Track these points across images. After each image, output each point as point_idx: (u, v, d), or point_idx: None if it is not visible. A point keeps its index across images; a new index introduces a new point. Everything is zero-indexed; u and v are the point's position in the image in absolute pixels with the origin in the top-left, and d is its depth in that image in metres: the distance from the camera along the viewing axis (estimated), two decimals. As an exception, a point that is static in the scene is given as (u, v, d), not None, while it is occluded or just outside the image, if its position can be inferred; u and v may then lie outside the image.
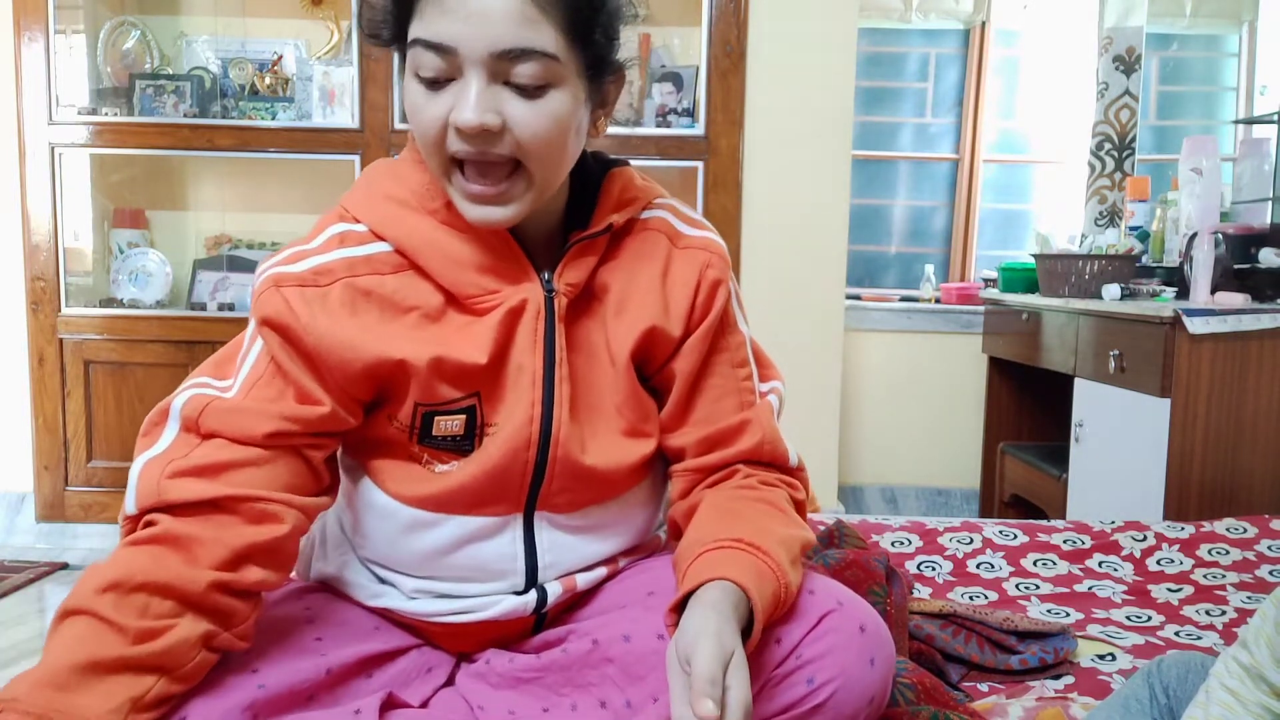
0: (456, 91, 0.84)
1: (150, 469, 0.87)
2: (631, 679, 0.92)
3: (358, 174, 2.80)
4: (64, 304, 2.85)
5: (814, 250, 2.94)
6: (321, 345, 0.88)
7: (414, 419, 0.92)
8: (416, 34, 0.83)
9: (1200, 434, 2.09)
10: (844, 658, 0.86)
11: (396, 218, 0.92)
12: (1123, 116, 3.38)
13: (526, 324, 0.92)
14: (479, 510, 0.95)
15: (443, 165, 0.88)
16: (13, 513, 2.98)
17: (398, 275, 0.92)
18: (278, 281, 0.90)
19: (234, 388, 0.91)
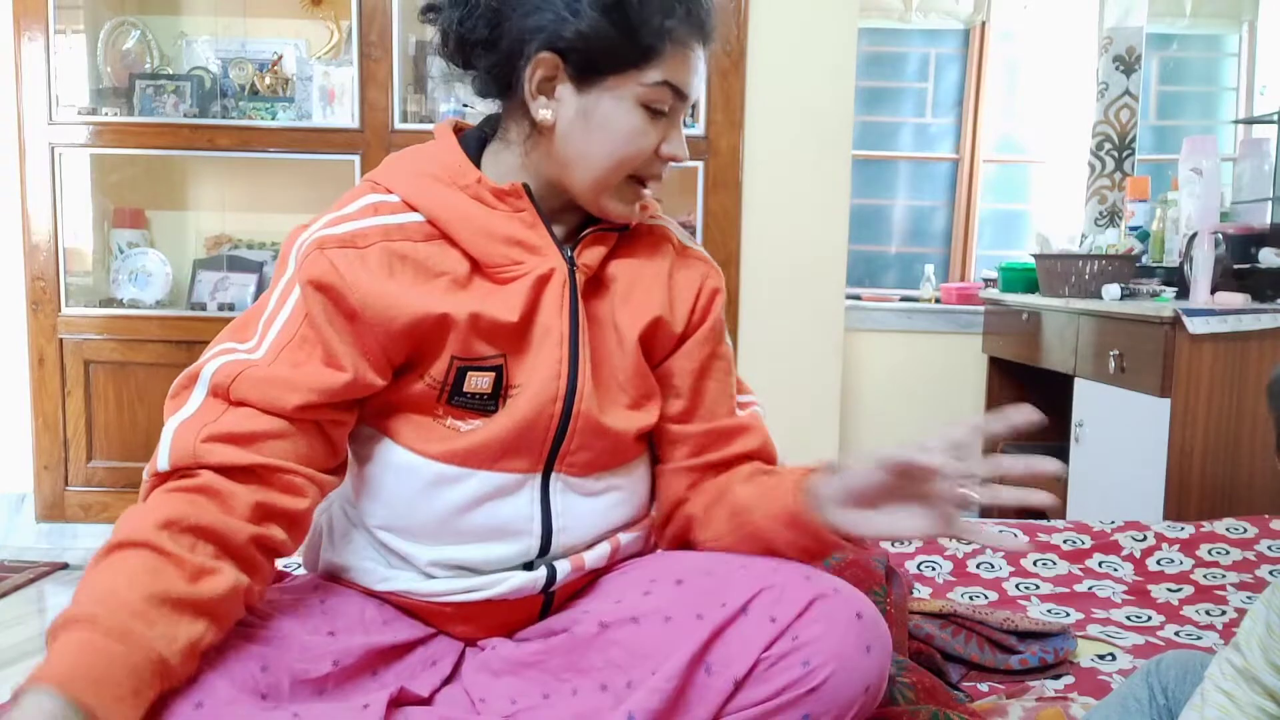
0: (671, 127, 1.00)
1: (185, 430, 0.92)
2: (636, 659, 0.93)
3: (358, 174, 2.81)
4: (64, 304, 2.85)
5: (814, 250, 2.94)
6: (366, 303, 0.93)
7: (448, 374, 0.97)
8: (666, 77, 0.97)
9: (1200, 434, 2.09)
10: (840, 642, 0.88)
11: (429, 189, 0.99)
12: (1123, 116, 3.38)
13: (553, 290, 0.99)
14: (501, 466, 0.99)
15: (624, 177, 1.01)
16: (13, 513, 2.98)
17: (429, 243, 0.98)
18: (322, 244, 0.94)
19: (261, 348, 0.94)
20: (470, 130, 1.07)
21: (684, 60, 0.98)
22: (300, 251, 0.96)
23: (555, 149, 0.99)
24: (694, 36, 0.98)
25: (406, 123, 2.83)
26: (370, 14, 2.80)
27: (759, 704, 0.88)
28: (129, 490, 2.89)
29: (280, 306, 0.96)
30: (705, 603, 0.92)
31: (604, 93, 0.97)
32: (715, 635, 0.89)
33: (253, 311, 0.99)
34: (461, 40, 1.00)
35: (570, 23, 0.94)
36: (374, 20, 2.80)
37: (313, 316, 0.94)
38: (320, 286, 0.93)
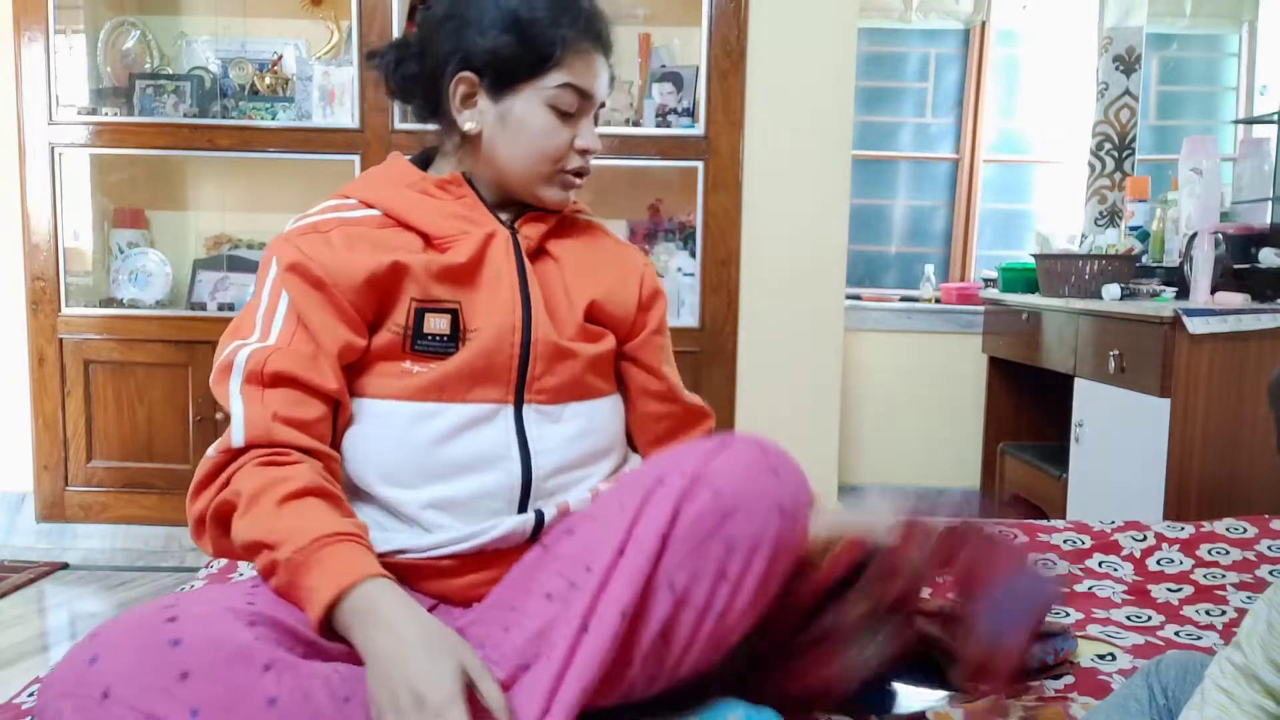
0: (580, 124, 1.16)
1: (254, 411, 1.02)
2: (574, 562, 0.99)
3: (358, 174, 2.80)
4: (64, 304, 2.86)
5: (814, 250, 2.94)
6: (328, 270, 1.07)
7: (408, 318, 1.09)
8: (567, 80, 1.13)
9: (1200, 434, 2.09)
10: (745, 470, 0.94)
11: (381, 189, 1.16)
12: (1123, 116, 3.38)
13: (499, 245, 1.14)
14: (473, 396, 1.09)
15: (552, 172, 1.16)
16: (13, 513, 2.98)
17: (386, 229, 1.13)
18: (287, 237, 1.11)
19: (271, 336, 1.07)
20: (418, 155, 1.25)
21: (584, 64, 1.14)
22: (275, 248, 1.11)
23: (484, 154, 1.16)
24: (588, 42, 1.13)
25: (406, 123, 2.83)
26: (370, 14, 2.80)
27: (683, 544, 0.91)
28: (129, 490, 2.89)
29: (275, 300, 1.09)
30: (627, 494, 0.98)
31: (516, 99, 1.13)
32: (639, 511, 0.94)
33: (245, 314, 1.11)
34: (400, 79, 1.19)
35: (479, 43, 1.11)
36: (374, 20, 2.80)
37: (295, 300, 1.07)
38: (291, 267, 1.07)
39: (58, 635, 2.31)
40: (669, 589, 0.92)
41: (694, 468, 0.95)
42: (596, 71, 1.15)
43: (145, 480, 2.89)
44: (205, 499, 1.01)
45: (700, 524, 0.92)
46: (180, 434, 2.88)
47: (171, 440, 2.88)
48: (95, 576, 2.67)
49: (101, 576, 2.67)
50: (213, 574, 1.56)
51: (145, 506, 2.89)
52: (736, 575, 0.93)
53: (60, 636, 2.30)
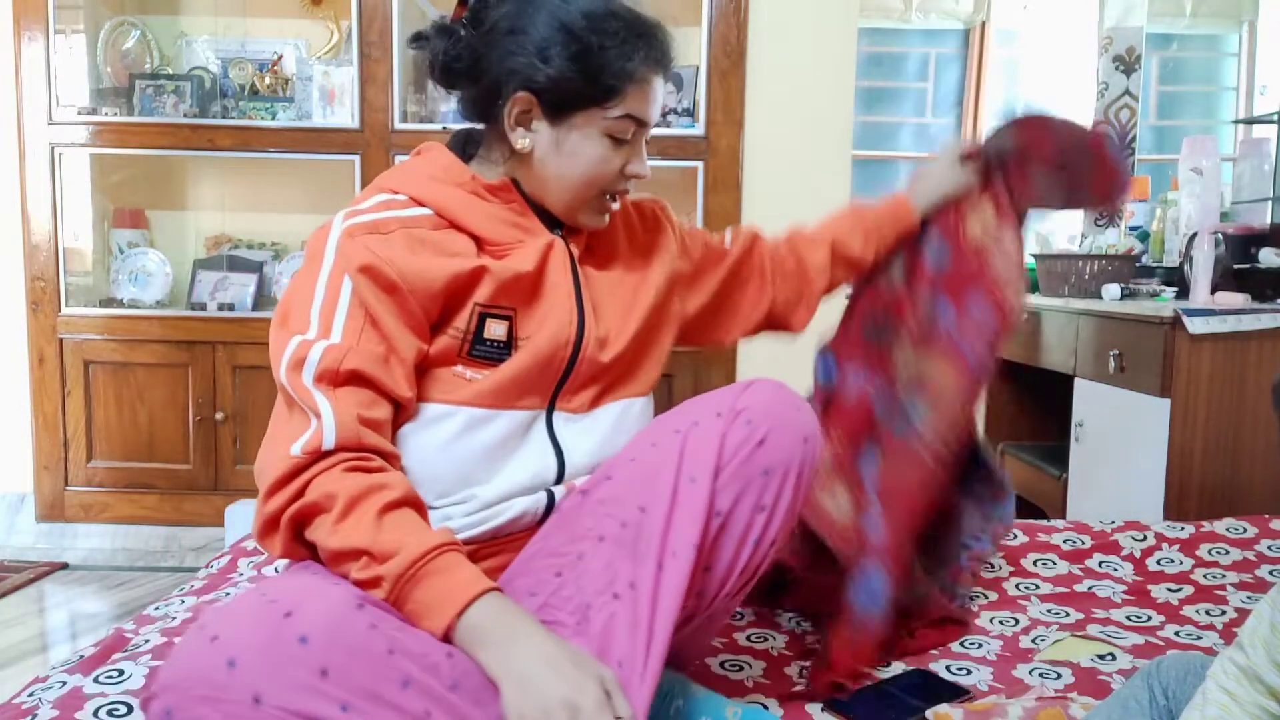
0: (634, 150, 1.15)
1: (342, 411, 1.00)
2: (618, 503, 1.03)
3: (358, 174, 2.81)
4: (64, 304, 2.86)
5: (814, 250, 2.93)
6: (404, 275, 1.04)
7: (470, 322, 1.08)
8: (628, 110, 1.11)
9: (1200, 434, 2.09)
10: (771, 403, 1.04)
11: (432, 186, 1.12)
12: (1123, 116, 3.38)
13: (557, 254, 1.14)
14: (520, 404, 1.11)
15: (598, 196, 1.15)
16: (13, 513, 2.98)
17: (439, 230, 1.10)
18: (350, 233, 1.06)
19: (334, 334, 1.03)
20: (452, 140, 1.20)
21: (644, 93, 1.12)
22: (334, 244, 1.06)
23: (533, 172, 1.14)
24: (652, 72, 1.12)
25: (406, 123, 2.83)
26: (370, 14, 2.80)
27: (728, 472, 1.00)
28: (129, 490, 2.89)
29: (335, 296, 1.04)
30: (660, 436, 1.05)
31: (573, 128, 1.11)
32: (682, 448, 1.01)
33: (298, 308, 1.06)
34: (446, 68, 1.14)
35: (542, 69, 1.08)
36: (374, 20, 2.80)
37: (368, 304, 1.03)
38: (363, 269, 1.03)
39: (57, 635, 2.31)
40: (715, 516, 1.00)
41: (728, 405, 1.03)
42: (654, 98, 1.14)
43: (145, 480, 2.89)
44: (282, 498, 0.98)
45: (740, 451, 1.01)
46: (180, 434, 2.88)
47: (171, 440, 2.88)
48: (95, 576, 2.67)
49: (101, 576, 2.67)
50: (212, 574, 1.56)
51: (145, 506, 2.89)
52: (771, 503, 1.02)
53: (60, 636, 2.30)
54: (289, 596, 0.85)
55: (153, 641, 1.23)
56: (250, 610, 0.84)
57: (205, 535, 2.89)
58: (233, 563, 1.60)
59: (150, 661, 1.16)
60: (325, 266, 1.06)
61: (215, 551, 2.53)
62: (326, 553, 0.97)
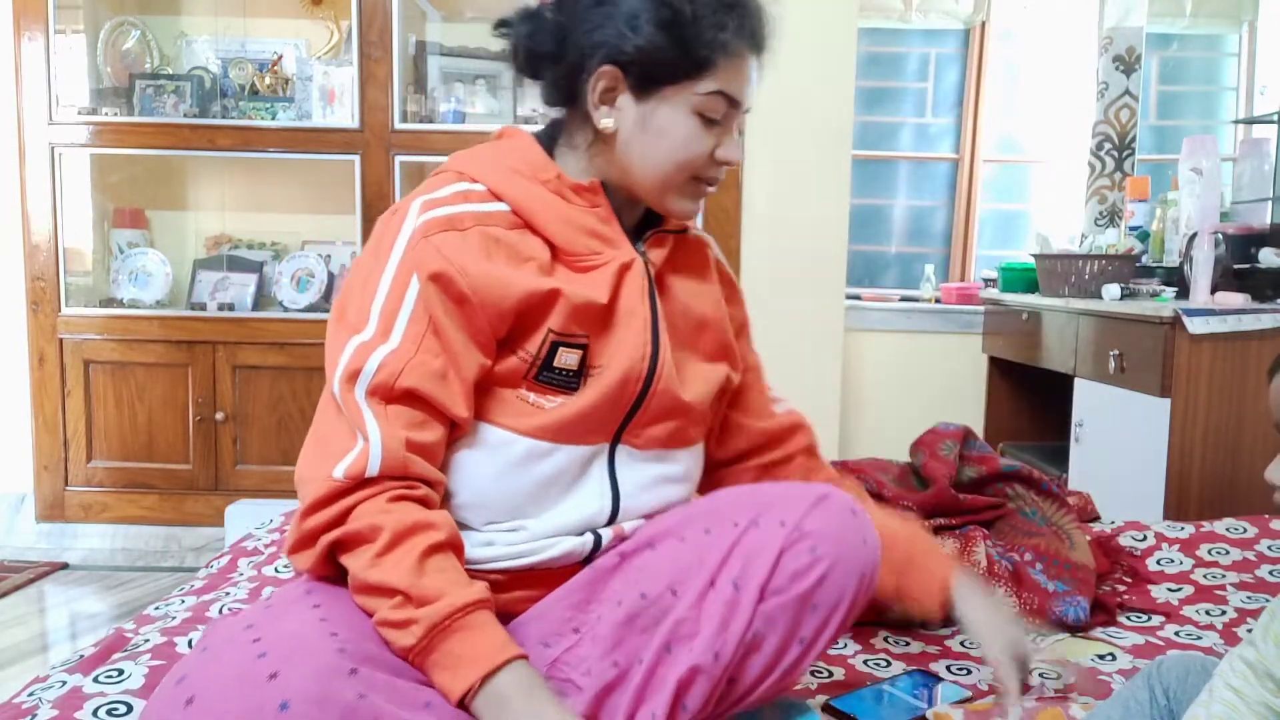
0: (725, 132, 1.07)
1: (389, 434, 0.95)
2: (651, 576, 1.00)
3: (358, 174, 2.81)
4: (64, 304, 2.86)
5: (814, 250, 2.93)
6: (475, 286, 0.98)
7: (541, 349, 1.02)
8: (719, 87, 1.03)
9: (1200, 434, 2.09)
10: (840, 532, 0.97)
11: (514, 181, 1.05)
12: (1123, 116, 3.38)
13: (634, 278, 1.07)
14: (585, 439, 1.05)
15: (684, 181, 1.08)
16: (13, 513, 2.98)
17: (514, 230, 1.03)
18: (425, 231, 0.99)
19: (393, 338, 0.97)
20: (540, 133, 1.12)
21: (737, 70, 1.04)
22: (406, 238, 1.00)
23: (617, 154, 1.06)
24: (746, 47, 1.04)
25: (406, 123, 2.83)
26: (370, 14, 2.80)
27: (776, 603, 0.95)
28: (129, 490, 2.89)
29: (400, 296, 0.98)
30: (716, 522, 1.00)
31: (661, 102, 1.03)
32: (732, 547, 0.97)
33: (359, 300, 1.00)
34: (530, 53, 1.07)
35: (630, 39, 1.01)
36: (374, 20, 2.80)
37: (434, 313, 0.98)
38: (434, 277, 0.97)
39: (58, 635, 2.31)
40: (749, 632, 0.95)
41: (794, 519, 0.97)
42: (749, 77, 1.07)
43: (145, 480, 2.89)
44: (321, 520, 0.94)
45: (795, 583, 0.95)
46: (180, 434, 2.88)
47: (171, 440, 2.88)
48: (95, 576, 2.67)
49: (101, 576, 2.67)
50: (212, 574, 1.56)
51: (145, 506, 2.89)
52: (811, 636, 0.97)
53: (60, 636, 2.30)
54: (279, 650, 0.81)
55: (153, 641, 1.23)
56: (233, 669, 0.80)
57: (205, 535, 2.89)
58: (232, 563, 1.60)
59: (150, 661, 1.16)
60: (393, 260, 0.99)
61: (215, 551, 2.52)
62: (359, 583, 0.92)
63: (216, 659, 0.81)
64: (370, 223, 2.81)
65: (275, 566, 1.53)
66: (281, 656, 0.80)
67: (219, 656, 0.81)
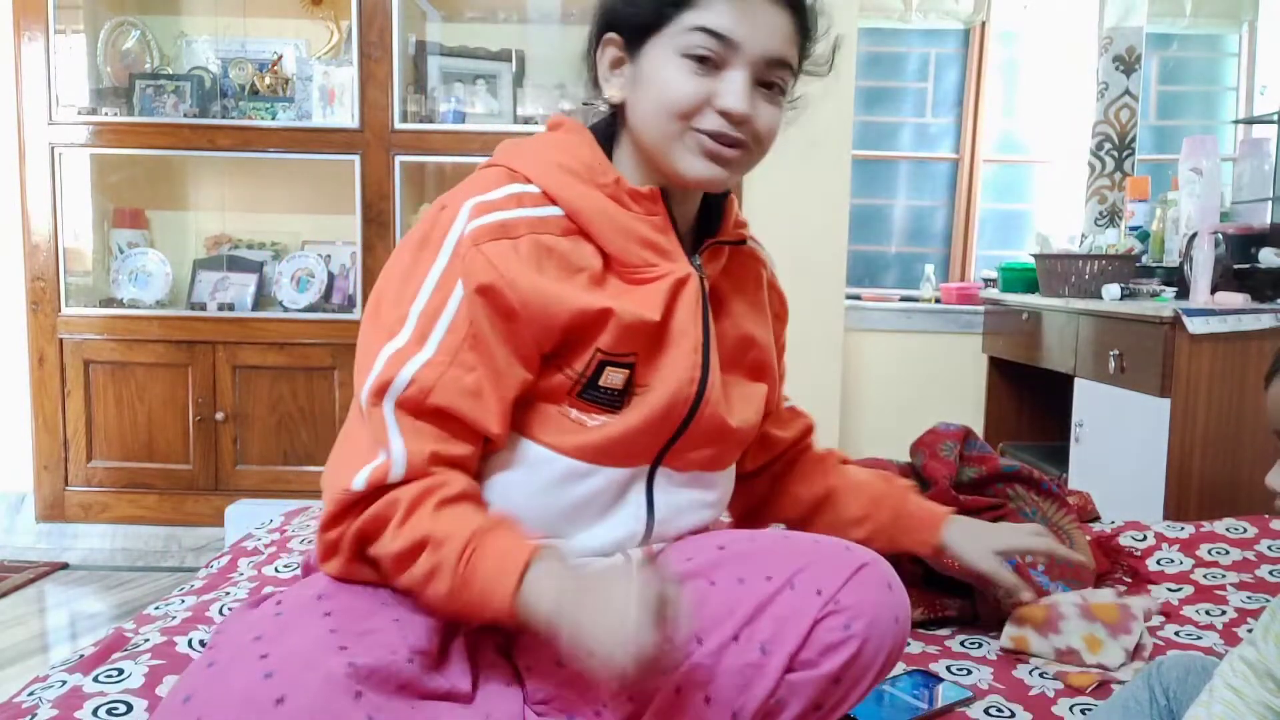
0: (724, 79, 0.97)
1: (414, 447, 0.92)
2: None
3: (358, 174, 2.80)
4: (64, 304, 2.86)
5: (814, 250, 2.93)
6: (524, 301, 0.94)
7: (588, 368, 0.98)
8: (700, 21, 0.95)
9: (1200, 434, 2.09)
10: (875, 611, 0.94)
11: (569, 185, 0.99)
12: (1123, 116, 3.38)
13: (689, 295, 1.02)
14: (626, 461, 1.02)
15: (681, 130, 0.98)
16: (13, 513, 2.98)
17: (568, 238, 0.99)
18: (476, 239, 0.94)
19: (428, 346, 0.93)
20: (598, 126, 1.07)
21: (729, 5, 0.96)
22: (454, 241, 0.95)
23: (628, 124, 1.02)
24: None
25: (406, 123, 2.83)
26: (370, 14, 2.80)
27: (803, 676, 0.93)
28: (129, 490, 2.89)
29: (441, 302, 0.94)
30: (750, 570, 0.98)
31: (648, 52, 0.98)
32: (762, 608, 0.95)
33: (396, 297, 0.96)
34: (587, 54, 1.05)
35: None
36: (374, 20, 2.80)
37: (478, 327, 0.94)
38: (482, 290, 0.93)
39: (58, 635, 2.31)
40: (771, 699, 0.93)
41: (831, 589, 0.94)
42: (749, 15, 0.96)
43: (145, 480, 2.89)
44: (340, 530, 0.93)
45: (825, 659, 0.93)
46: (180, 434, 2.88)
47: (171, 440, 2.88)
48: (95, 576, 2.67)
49: (101, 576, 2.67)
50: (212, 574, 1.56)
51: (145, 506, 2.89)
52: (831, 705, 0.96)
53: (60, 636, 2.30)
54: (286, 670, 0.78)
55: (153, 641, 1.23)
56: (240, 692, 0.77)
57: (205, 535, 2.89)
58: (233, 563, 1.60)
59: (150, 661, 1.16)
60: (439, 263, 0.94)
61: (215, 551, 2.52)
62: (390, 559, 0.90)
63: (223, 678, 0.79)
64: (370, 223, 2.81)
65: (275, 566, 1.53)
66: (289, 678, 0.78)
67: (225, 675, 0.79)
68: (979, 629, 1.45)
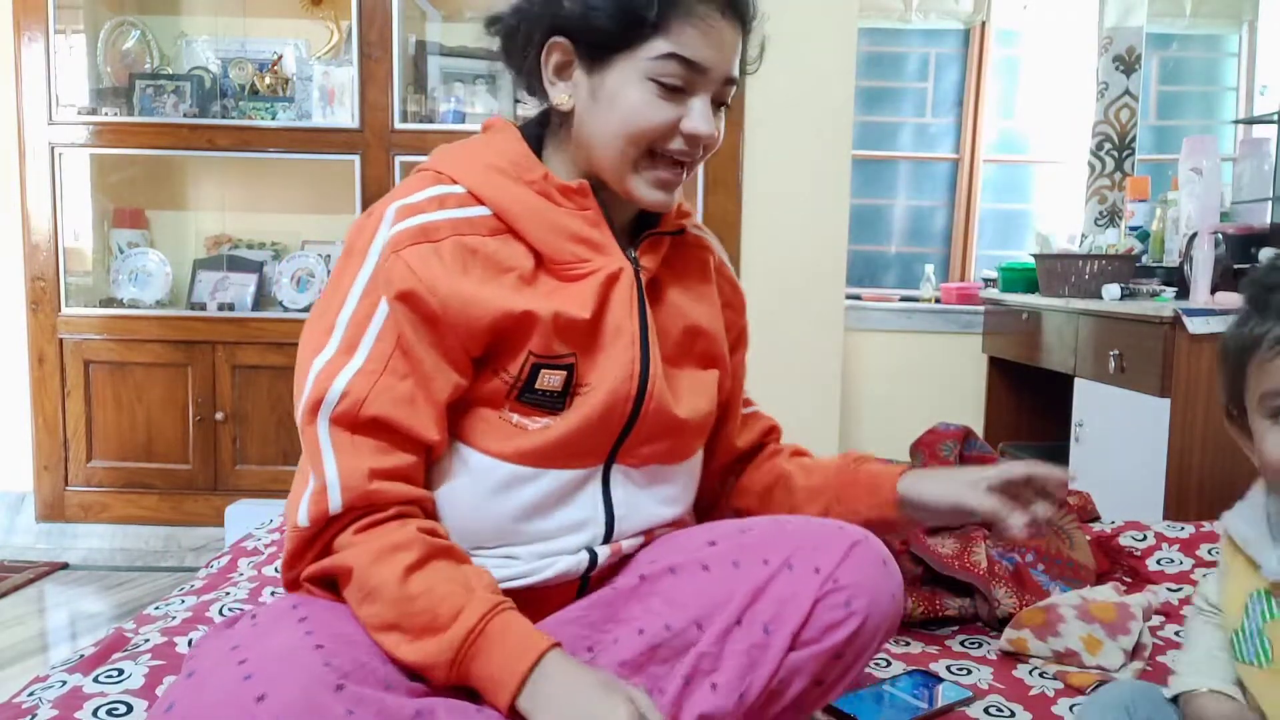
0: (690, 104, 0.98)
1: (348, 465, 0.91)
2: (675, 606, 0.97)
3: (358, 174, 2.80)
4: (64, 304, 2.86)
5: (814, 250, 2.93)
6: (446, 305, 0.93)
7: (522, 370, 0.97)
8: (673, 49, 0.95)
9: (1200, 434, 2.09)
10: (873, 588, 0.94)
11: (497, 184, 0.99)
12: (1123, 116, 3.38)
13: (622, 290, 1.01)
14: (572, 463, 1.00)
15: (638, 156, 0.98)
16: (13, 513, 2.98)
17: (496, 237, 0.98)
18: (396, 245, 0.94)
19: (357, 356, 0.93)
20: (528, 124, 1.07)
21: (698, 30, 0.95)
22: (379, 248, 0.95)
23: (575, 133, 1.00)
24: (709, 4, 0.95)
25: (406, 123, 2.83)
26: (370, 14, 2.80)
27: (807, 654, 0.93)
28: (129, 490, 2.89)
29: (369, 309, 0.94)
30: (746, 556, 0.97)
31: (611, 70, 0.96)
32: (762, 587, 0.94)
33: (323, 309, 0.96)
34: (507, 43, 1.03)
35: (568, 4, 0.96)
36: (374, 20, 2.80)
37: (403, 333, 0.93)
38: (402, 296, 0.92)
39: (58, 635, 2.31)
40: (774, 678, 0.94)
41: (829, 567, 0.94)
42: (718, 40, 0.96)
43: (145, 480, 2.89)
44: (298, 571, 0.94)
45: (826, 636, 0.93)
46: (180, 434, 2.88)
47: (171, 440, 2.88)
48: (95, 576, 2.67)
49: (101, 576, 2.67)
50: (212, 574, 1.56)
51: (145, 506, 2.89)
52: (832, 680, 0.96)
53: (60, 636, 2.30)
54: (265, 670, 0.78)
55: (153, 641, 1.23)
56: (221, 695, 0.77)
57: (205, 535, 2.89)
58: (232, 563, 1.60)
59: (150, 661, 1.16)
60: (364, 271, 0.94)
61: (215, 551, 2.52)
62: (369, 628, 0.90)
63: (203, 685, 0.78)
64: (370, 223, 2.81)
65: (275, 566, 1.53)
66: (268, 677, 0.77)
67: (205, 683, 0.79)
68: (979, 629, 1.45)
